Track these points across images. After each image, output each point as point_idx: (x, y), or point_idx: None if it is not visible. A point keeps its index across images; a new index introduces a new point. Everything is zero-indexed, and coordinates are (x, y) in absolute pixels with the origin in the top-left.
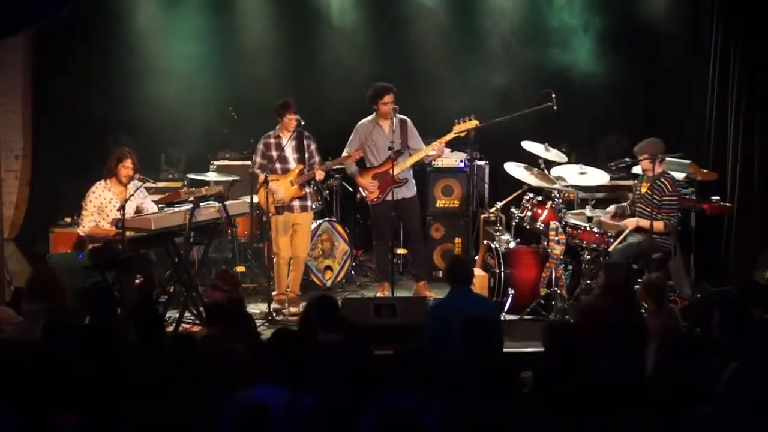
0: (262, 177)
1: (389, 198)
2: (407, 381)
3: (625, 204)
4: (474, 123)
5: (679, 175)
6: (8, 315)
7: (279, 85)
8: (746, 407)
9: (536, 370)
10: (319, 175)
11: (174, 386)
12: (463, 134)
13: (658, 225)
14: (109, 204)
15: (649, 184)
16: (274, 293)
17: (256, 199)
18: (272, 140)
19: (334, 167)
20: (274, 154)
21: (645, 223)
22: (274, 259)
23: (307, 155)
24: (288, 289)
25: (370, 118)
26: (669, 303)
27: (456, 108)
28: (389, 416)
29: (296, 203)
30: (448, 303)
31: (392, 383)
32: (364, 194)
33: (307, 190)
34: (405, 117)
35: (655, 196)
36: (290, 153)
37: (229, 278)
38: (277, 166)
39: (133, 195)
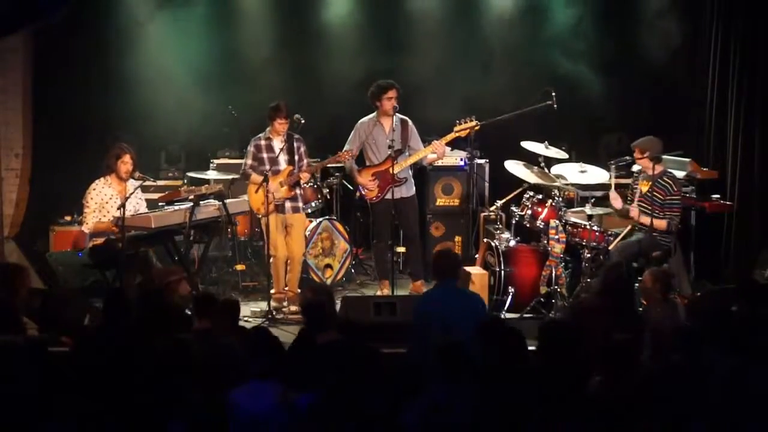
0: (257, 177)
1: (388, 197)
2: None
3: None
4: (473, 123)
5: (679, 174)
6: None
7: (278, 84)
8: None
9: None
10: (304, 177)
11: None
12: (463, 135)
13: (661, 224)
14: (109, 201)
15: (650, 183)
16: (272, 292)
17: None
18: (263, 142)
19: (333, 165)
20: (265, 156)
21: (645, 219)
22: (271, 259)
23: (296, 157)
24: (286, 288)
25: (371, 116)
26: (673, 297)
27: (456, 108)
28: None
29: (288, 204)
30: (435, 297)
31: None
32: (363, 192)
33: (298, 191)
34: (406, 117)
35: (658, 195)
36: (281, 155)
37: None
38: (268, 167)
39: (133, 193)
